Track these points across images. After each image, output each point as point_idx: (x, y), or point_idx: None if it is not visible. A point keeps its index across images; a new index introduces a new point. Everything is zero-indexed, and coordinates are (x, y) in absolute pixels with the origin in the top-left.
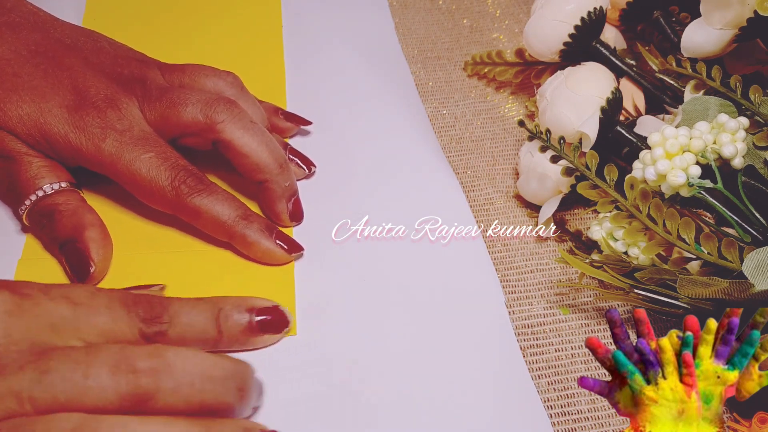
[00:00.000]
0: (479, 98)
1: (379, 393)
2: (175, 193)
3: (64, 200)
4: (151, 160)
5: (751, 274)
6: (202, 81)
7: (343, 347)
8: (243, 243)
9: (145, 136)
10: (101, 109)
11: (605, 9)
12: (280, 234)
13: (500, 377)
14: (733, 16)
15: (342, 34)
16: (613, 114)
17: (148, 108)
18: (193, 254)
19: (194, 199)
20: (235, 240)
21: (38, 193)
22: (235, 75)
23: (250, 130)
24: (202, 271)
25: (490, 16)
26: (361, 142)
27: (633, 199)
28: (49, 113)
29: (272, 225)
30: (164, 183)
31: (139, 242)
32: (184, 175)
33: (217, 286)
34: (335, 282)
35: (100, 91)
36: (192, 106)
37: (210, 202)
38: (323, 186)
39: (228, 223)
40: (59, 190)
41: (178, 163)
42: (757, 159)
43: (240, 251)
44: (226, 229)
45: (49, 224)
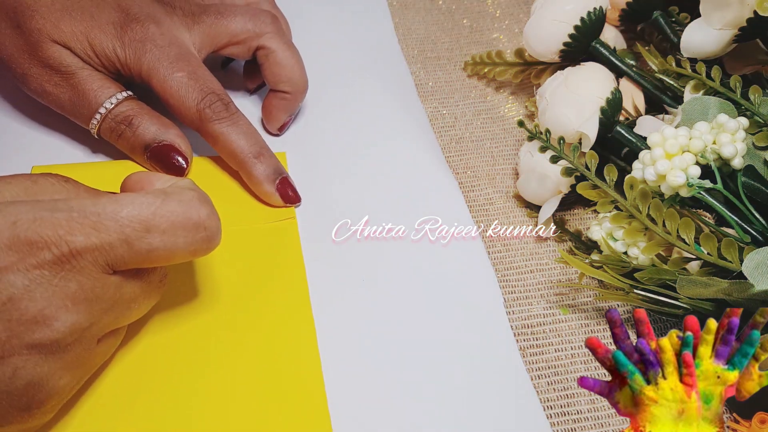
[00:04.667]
0: (479, 98)
1: (379, 392)
2: (199, 115)
3: (136, 106)
4: (183, 80)
5: (750, 274)
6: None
7: (343, 346)
8: (248, 177)
9: (182, 54)
10: (144, 25)
11: (605, 9)
12: (284, 181)
13: (500, 377)
14: (733, 17)
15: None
16: (612, 114)
17: (192, 23)
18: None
19: (216, 125)
20: (243, 172)
21: (111, 101)
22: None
23: (291, 47)
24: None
25: (490, 17)
26: (361, 142)
27: (633, 200)
28: (99, 29)
29: (280, 170)
30: (191, 104)
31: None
32: (211, 99)
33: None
34: (335, 282)
35: (142, 8)
36: (240, 16)
37: (230, 132)
38: (323, 186)
39: (241, 156)
40: (127, 97)
41: (208, 86)
42: (757, 159)
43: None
44: (238, 161)
45: (130, 129)
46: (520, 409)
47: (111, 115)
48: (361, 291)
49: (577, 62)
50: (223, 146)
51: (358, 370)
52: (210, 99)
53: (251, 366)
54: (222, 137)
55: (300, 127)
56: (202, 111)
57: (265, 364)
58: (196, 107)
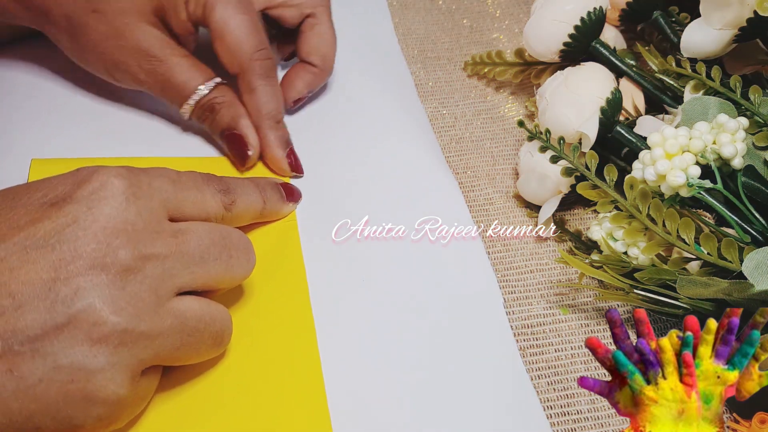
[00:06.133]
0: (479, 98)
1: (379, 392)
2: (250, 65)
3: (220, 95)
4: (245, 23)
5: (750, 274)
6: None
7: (343, 346)
8: (264, 138)
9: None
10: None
11: (605, 9)
12: (292, 153)
13: (500, 377)
14: (733, 17)
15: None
16: (612, 114)
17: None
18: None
19: (259, 80)
20: (260, 131)
21: (198, 92)
22: None
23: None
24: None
25: (490, 17)
26: (361, 142)
27: (633, 200)
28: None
29: (289, 141)
30: (247, 50)
31: None
32: (265, 54)
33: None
34: (335, 282)
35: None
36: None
37: (266, 91)
38: (323, 186)
39: (266, 114)
40: (213, 86)
41: (265, 41)
42: (757, 159)
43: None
44: (260, 117)
45: (211, 116)
46: (520, 409)
47: (198, 105)
48: (361, 291)
49: (577, 62)
50: (255, 100)
51: (358, 370)
52: (264, 53)
53: (251, 366)
54: (258, 92)
55: (300, 127)
56: (254, 62)
57: (264, 364)
58: (250, 56)
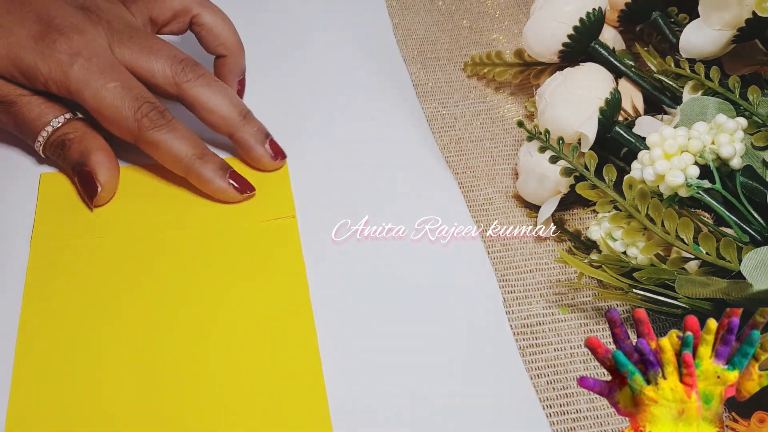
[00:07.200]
0: (479, 99)
1: (378, 391)
2: (137, 125)
3: (72, 130)
4: (116, 90)
5: (749, 274)
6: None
7: (343, 346)
8: (198, 180)
9: (111, 64)
10: (68, 35)
11: (604, 10)
12: (234, 174)
13: (499, 376)
14: (732, 17)
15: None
16: (611, 114)
17: (116, 45)
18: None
19: (154, 133)
20: (190, 177)
21: (47, 129)
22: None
23: (217, 11)
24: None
25: (489, 17)
26: (360, 142)
27: (632, 199)
28: (18, 46)
29: (227, 165)
30: (127, 113)
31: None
32: (147, 108)
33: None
34: (335, 282)
35: (65, 19)
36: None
37: (169, 138)
38: (323, 186)
39: (184, 160)
40: (64, 122)
41: (142, 95)
42: (756, 159)
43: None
44: (182, 165)
45: (62, 152)
46: (519, 409)
47: (49, 141)
48: (361, 291)
49: (576, 63)
50: (165, 153)
51: (358, 369)
52: (146, 108)
53: (251, 366)
54: (163, 144)
55: (299, 128)
56: (139, 120)
57: (264, 364)
58: (133, 117)
